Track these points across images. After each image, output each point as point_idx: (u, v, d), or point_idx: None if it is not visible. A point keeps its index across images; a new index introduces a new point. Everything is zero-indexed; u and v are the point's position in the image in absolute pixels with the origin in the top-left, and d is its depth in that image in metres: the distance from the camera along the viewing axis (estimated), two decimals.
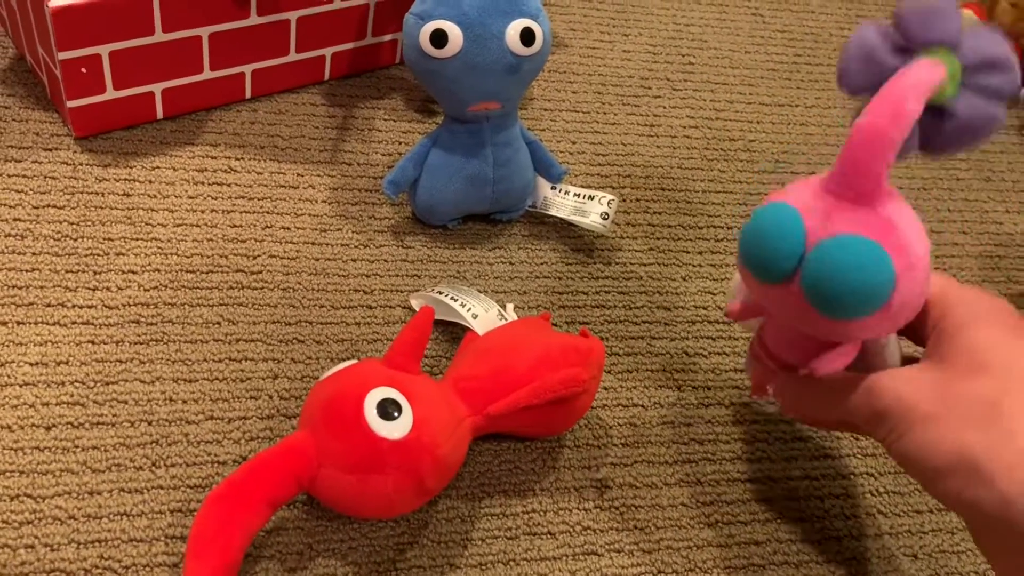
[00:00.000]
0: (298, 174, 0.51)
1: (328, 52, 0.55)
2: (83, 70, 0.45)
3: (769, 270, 0.32)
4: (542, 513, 0.39)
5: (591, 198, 0.51)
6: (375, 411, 0.34)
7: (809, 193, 0.32)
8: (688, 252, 0.53)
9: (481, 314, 0.43)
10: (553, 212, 0.51)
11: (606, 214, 0.50)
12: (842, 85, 0.33)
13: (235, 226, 0.47)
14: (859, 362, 0.35)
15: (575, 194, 0.51)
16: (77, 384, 0.39)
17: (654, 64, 0.65)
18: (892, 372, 0.33)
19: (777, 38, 0.70)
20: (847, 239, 0.30)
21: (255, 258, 0.46)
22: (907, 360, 0.36)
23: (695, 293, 0.51)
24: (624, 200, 0.55)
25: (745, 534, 0.41)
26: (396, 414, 0.34)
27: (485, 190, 0.48)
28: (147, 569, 0.34)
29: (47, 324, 0.40)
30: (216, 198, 0.48)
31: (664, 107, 0.62)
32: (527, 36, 0.44)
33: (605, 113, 0.60)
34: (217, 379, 0.40)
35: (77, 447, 0.37)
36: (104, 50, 0.45)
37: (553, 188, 0.51)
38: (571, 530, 0.39)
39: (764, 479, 0.43)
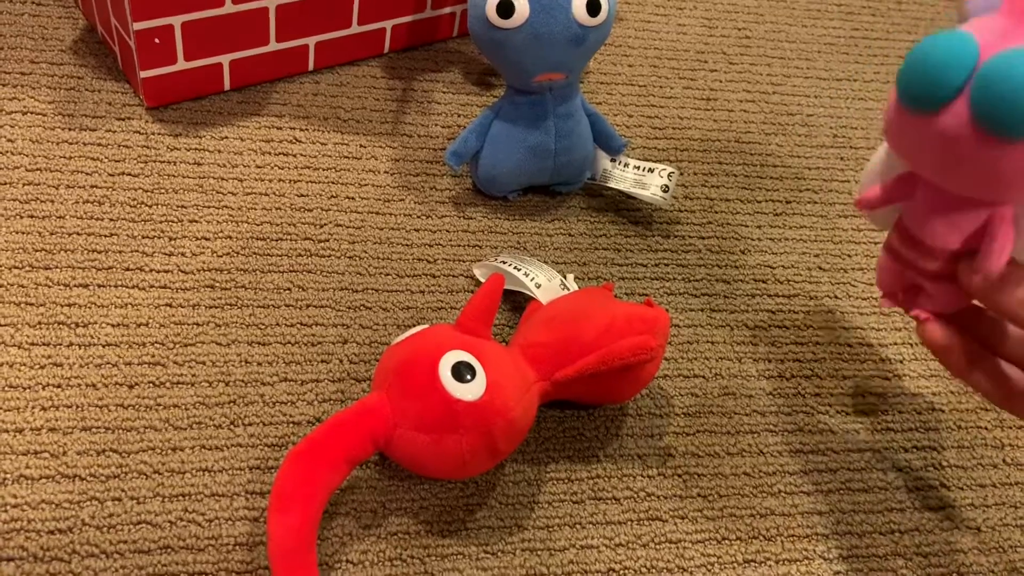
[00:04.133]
0: (361, 145, 0.51)
1: (388, 25, 0.55)
2: (156, 40, 0.46)
3: (936, 85, 0.30)
4: (607, 479, 0.40)
5: (651, 171, 0.51)
6: (450, 373, 0.35)
7: (985, 21, 0.30)
8: (747, 226, 0.53)
9: (544, 283, 0.44)
10: (613, 184, 0.51)
11: (666, 187, 0.50)
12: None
13: (302, 195, 0.48)
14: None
15: (635, 166, 0.51)
16: (157, 345, 0.40)
17: (710, 38, 0.65)
18: None
19: (834, 11, 0.69)
20: (1013, 54, 0.28)
21: (322, 227, 0.47)
22: None
23: (754, 267, 0.51)
24: (682, 174, 0.55)
25: (808, 504, 0.41)
26: (470, 377, 0.35)
27: (547, 161, 0.49)
28: (229, 523, 0.35)
29: (127, 287, 0.42)
30: (283, 168, 0.49)
31: (720, 81, 0.61)
32: (593, 6, 0.44)
33: (661, 87, 0.60)
34: (289, 343, 0.41)
35: (159, 405, 0.38)
36: (177, 20, 0.46)
37: (613, 161, 0.52)
38: (635, 496, 0.40)
39: (826, 450, 0.43)
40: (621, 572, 0.37)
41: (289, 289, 0.44)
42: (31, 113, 0.48)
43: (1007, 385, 0.35)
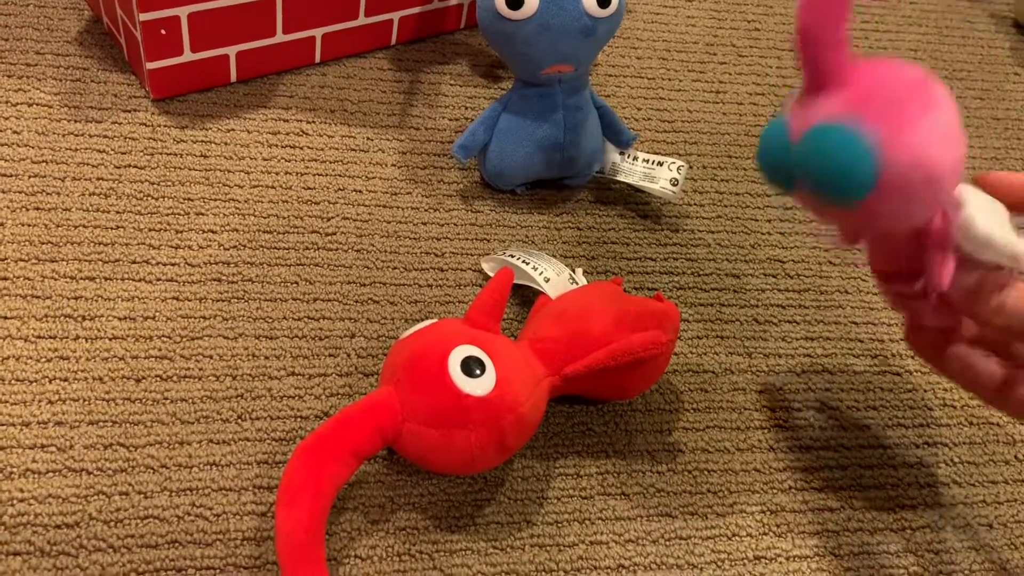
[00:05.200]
0: (368, 138, 0.51)
1: (395, 16, 0.55)
2: (163, 31, 0.46)
3: (772, 176, 0.32)
4: (616, 474, 0.40)
5: (660, 164, 0.50)
6: (459, 368, 0.34)
7: (802, 101, 0.31)
8: (756, 220, 0.52)
9: (553, 278, 0.43)
10: (622, 178, 0.51)
11: (675, 180, 0.50)
12: None
13: (308, 188, 0.47)
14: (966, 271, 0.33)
15: (644, 160, 0.51)
16: (164, 339, 0.40)
17: (719, 30, 0.64)
18: None
19: None
20: (811, 132, 0.29)
21: (329, 220, 0.46)
22: None
23: (764, 261, 0.50)
24: (691, 167, 0.54)
25: (819, 500, 0.40)
26: (479, 372, 0.34)
27: (555, 154, 0.48)
28: (237, 517, 0.35)
29: (133, 280, 0.42)
30: (290, 160, 0.48)
31: (730, 74, 0.61)
32: None
33: (670, 79, 0.59)
34: (297, 336, 0.41)
35: (166, 399, 0.38)
36: (183, 12, 0.46)
37: (622, 154, 0.51)
38: (645, 492, 0.39)
39: (837, 446, 0.43)
40: (631, 568, 0.37)
41: (296, 282, 0.43)
42: (37, 105, 0.48)
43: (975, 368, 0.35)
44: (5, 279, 0.40)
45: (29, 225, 0.42)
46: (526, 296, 0.45)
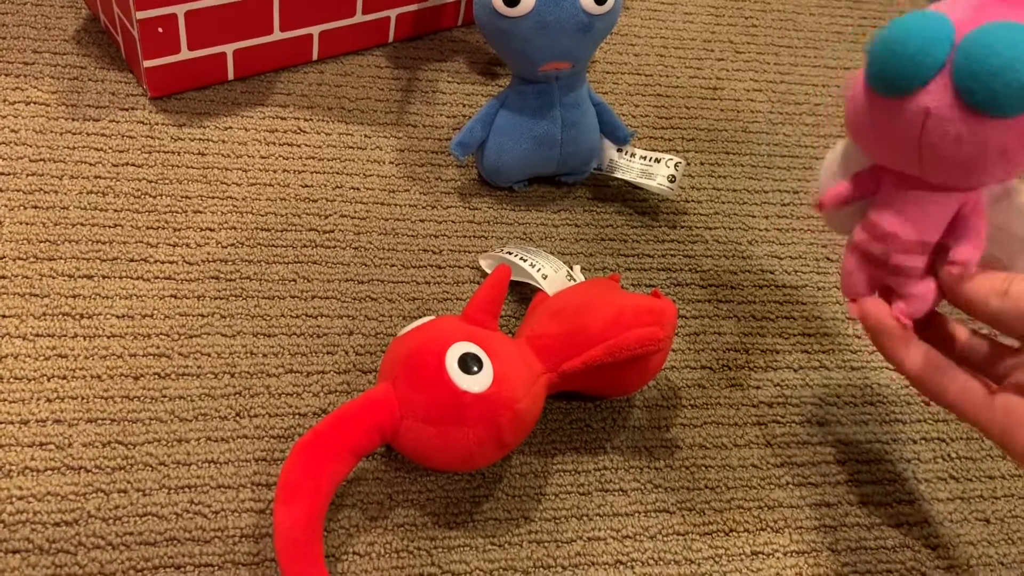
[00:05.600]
0: (365, 135, 0.51)
1: (393, 14, 0.55)
2: (160, 29, 0.46)
3: (916, 64, 0.29)
4: (613, 471, 0.40)
5: (657, 161, 0.50)
6: (456, 365, 0.34)
7: (951, 2, 0.30)
8: (754, 216, 0.52)
9: (551, 274, 0.43)
10: (619, 175, 0.51)
11: (673, 176, 0.50)
12: None
13: (306, 186, 0.48)
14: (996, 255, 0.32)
15: (641, 156, 0.51)
16: (162, 336, 0.40)
17: (716, 27, 0.64)
18: None
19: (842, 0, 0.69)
20: (1005, 23, 0.28)
21: (327, 217, 0.46)
22: None
23: (762, 257, 0.50)
24: (688, 164, 0.54)
25: (816, 496, 0.41)
26: (476, 368, 0.34)
27: (553, 151, 0.48)
28: (235, 514, 0.35)
29: (131, 279, 0.42)
30: (287, 158, 0.49)
31: (727, 70, 0.61)
32: None
33: (667, 76, 0.59)
34: (295, 334, 0.41)
35: (164, 396, 0.38)
36: (180, 10, 0.46)
37: (619, 151, 0.51)
38: (643, 488, 0.40)
39: (834, 442, 0.43)
40: (628, 564, 0.37)
41: (294, 280, 0.43)
42: (34, 103, 0.48)
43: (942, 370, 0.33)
44: (3, 277, 0.40)
45: (27, 224, 0.42)
46: (524, 293, 0.45)
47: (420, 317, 0.42)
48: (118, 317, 0.40)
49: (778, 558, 0.38)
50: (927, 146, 0.30)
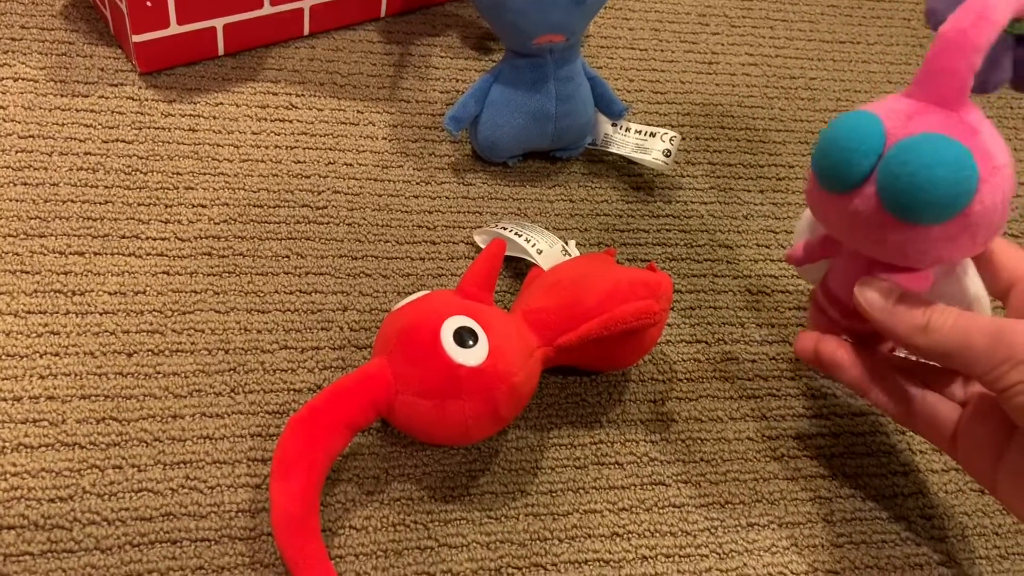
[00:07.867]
0: (358, 111, 0.50)
1: None
2: (148, 3, 0.45)
3: (845, 171, 0.31)
4: (609, 444, 0.40)
5: (652, 135, 0.50)
6: (451, 339, 0.34)
7: (890, 101, 0.32)
8: (749, 191, 0.52)
9: (546, 249, 0.43)
10: (614, 149, 0.50)
11: (668, 151, 0.49)
12: (930, 23, 0.32)
13: (299, 162, 0.47)
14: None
15: (636, 131, 0.50)
16: (155, 313, 0.40)
17: (711, 0, 0.63)
18: None
19: None
20: (928, 136, 0.30)
21: (320, 193, 0.46)
22: None
23: (757, 232, 0.50)
24: (684, 138, 0.54)
25: (811, 467, 0.41)
26: (472, 342, 0.34)
27: (547, 126, 0.48)
28: (231, 489, 0.35)
29: (123, 255, 0.41)
30: (279, 134, 0.48)
31: (723, 44, 0.61)
32: None
33: (662, 50, 0.59)
34: (289, 310, 0.41)
35: (159, 373, 0.38)
36: None
37: (614, 125, 0.51)
38: (638, 461, 0.40)
39: (829, 414, 0.43)
40: (625, 536, 0.37)
41: (288, 256, 0.43)
42: (22, 79, 0.47)
43: (907, 402, 0.36)
44: None
45: (17, 200, 0.42)
46: (519, 268, 0.45)
47: (415, 292, 0.41)
48: (110, 294, 0.40)
49: (773, 529, 0.38)
50: (861, 240, 0.33)
